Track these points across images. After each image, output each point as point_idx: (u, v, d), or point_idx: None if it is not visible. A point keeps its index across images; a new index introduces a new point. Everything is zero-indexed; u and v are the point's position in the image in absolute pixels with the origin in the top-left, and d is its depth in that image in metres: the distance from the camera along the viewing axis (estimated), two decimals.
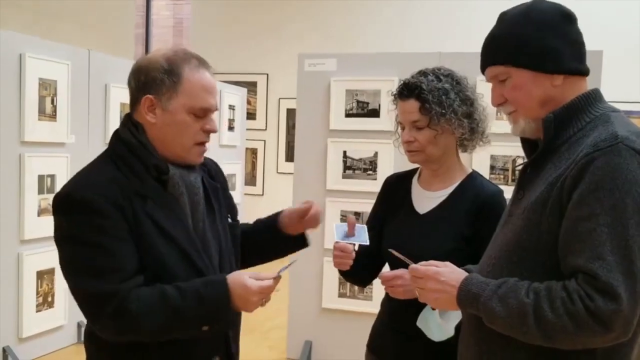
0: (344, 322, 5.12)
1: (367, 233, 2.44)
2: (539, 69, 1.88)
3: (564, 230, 1.75)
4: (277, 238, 2.45)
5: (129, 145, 2.06)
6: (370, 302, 4.98)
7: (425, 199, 2.57)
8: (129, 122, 2.10)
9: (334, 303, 5.16)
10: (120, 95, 5.69)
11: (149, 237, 1.99)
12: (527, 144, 2.03)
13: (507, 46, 1.91)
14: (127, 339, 2.00)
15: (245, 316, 2.20)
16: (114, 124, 5.47)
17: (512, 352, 1.86)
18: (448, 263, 2.01)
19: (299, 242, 2.48)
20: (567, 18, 1.91)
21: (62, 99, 5.24)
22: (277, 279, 2.05)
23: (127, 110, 2.14)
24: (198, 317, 1.97)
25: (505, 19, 1.95)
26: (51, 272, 5.20)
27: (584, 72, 1.92)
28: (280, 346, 5.69)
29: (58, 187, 5.02)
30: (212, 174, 2.31)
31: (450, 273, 1.95)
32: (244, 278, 2.00)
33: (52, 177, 5.18)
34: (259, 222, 2.53)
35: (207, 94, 2.07)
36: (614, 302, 1.64)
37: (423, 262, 2.03)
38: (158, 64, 2.05)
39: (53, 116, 5.16)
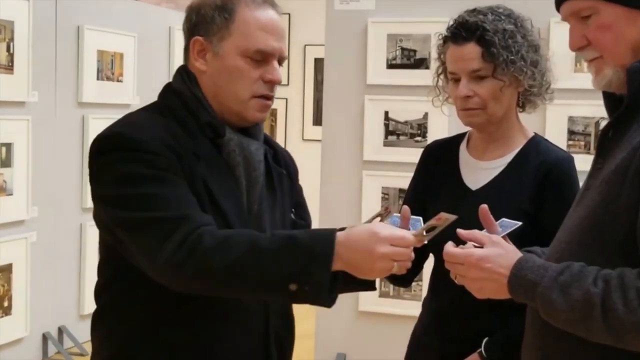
0: (386, 329, 5.10)
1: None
2: (634, 5, 1.87)
3: None
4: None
5: (182, 97, 2.16)
6: (419, 304, 4.94)
7: (478, 171, 2.63)
8: (183, 71, 2.21)
9: (373, 305, 5.16)
10: (97, 40, 5.67)
11: (200, 202, 2.03)
12: (611, 101, 2.02)
13: None
14: (189, 285, 1.97)
15: None
16: (90, 76, 5.47)
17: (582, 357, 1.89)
18: (498, 240, 2.04)
19: (359, 282, 2.19)
20: None
21: (21, 46, 5.26)
22: (420, 238, 2.04)
23: (106, 59, 2.21)
24: (287, 264, 1.90)
25: None
26: (7, 268, 5.22)
27: None
28: None
29: (16, 159, 5.12)
30: (278, 158, 2.36)
31: (499, 256, 1.97)
32: (368, 225, 1.97)
33: (9, 146, 5.19)
34: None
35: (267, 34, 2.13)
36: None
37: (464, 233, 2.07)
38: (211, 0, 2.15)
39: (9, 68, 5.20)
